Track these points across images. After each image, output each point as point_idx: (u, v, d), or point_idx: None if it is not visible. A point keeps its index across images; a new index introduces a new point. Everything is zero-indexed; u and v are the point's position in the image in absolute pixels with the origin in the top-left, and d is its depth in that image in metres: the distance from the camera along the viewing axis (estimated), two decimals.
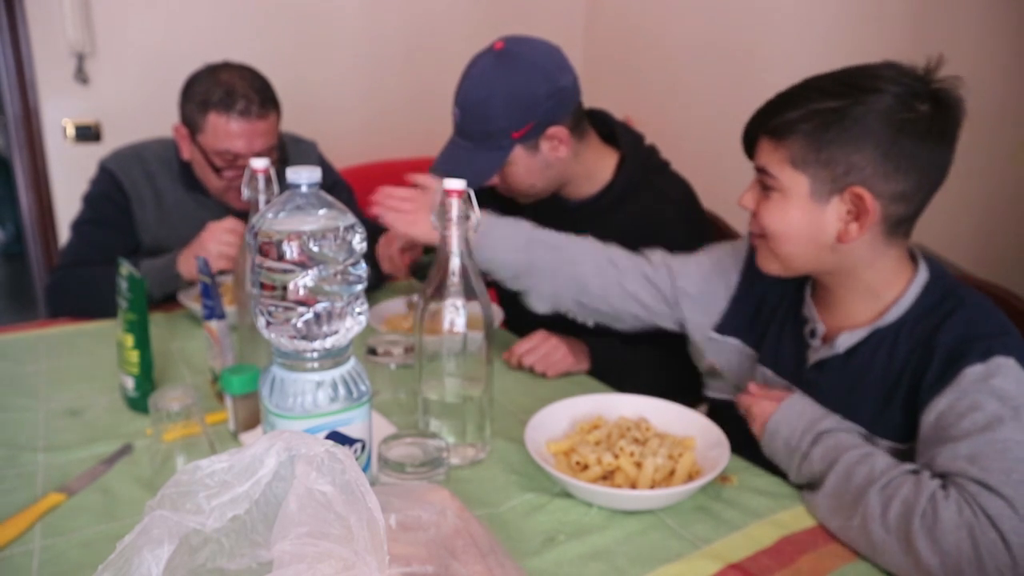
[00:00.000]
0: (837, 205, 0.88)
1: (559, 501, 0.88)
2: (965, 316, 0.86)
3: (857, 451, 0.83)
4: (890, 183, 0.85)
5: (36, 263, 2.52)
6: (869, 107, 0.84)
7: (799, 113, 0.87)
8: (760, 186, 0.94)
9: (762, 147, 0.92)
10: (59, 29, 2.25)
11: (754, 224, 0.96)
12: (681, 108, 2.66)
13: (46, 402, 1.12)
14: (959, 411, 0.79)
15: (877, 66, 0.88)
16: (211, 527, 0.45)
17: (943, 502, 0.73)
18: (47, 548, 0.79)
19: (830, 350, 0.95)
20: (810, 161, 0.87)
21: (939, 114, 0.85)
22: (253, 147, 1.45)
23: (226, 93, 1.43)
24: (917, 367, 0.87)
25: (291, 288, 0.71)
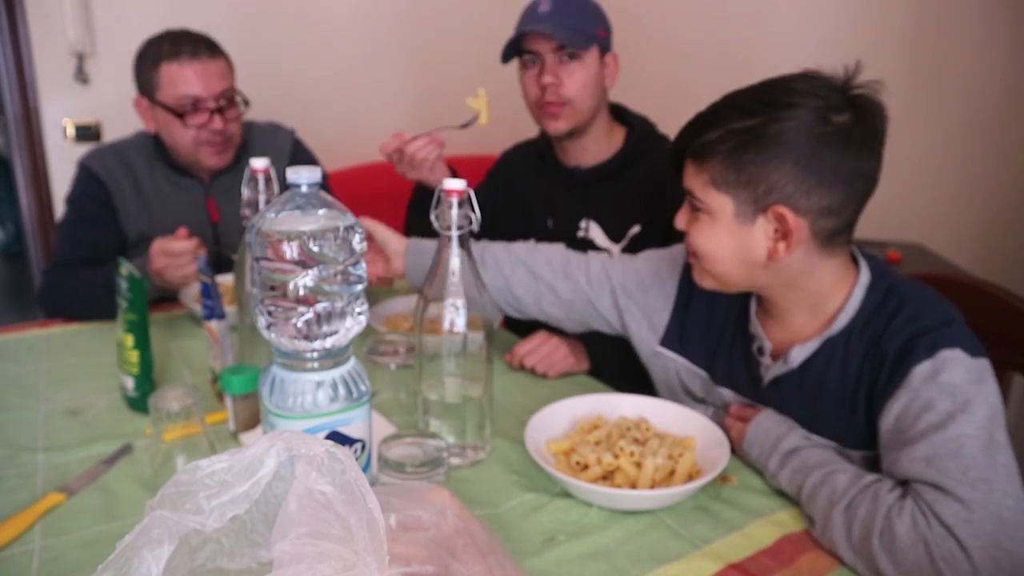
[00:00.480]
0: (763, 224, 0.86)
1: (559, 501, 0.88)
2: (908, 313, 0.85)
3: (819, 472, 0.83)
4: (814, 198, 0.83)
5: (36, 263, 2.52)
6: (785, 124, 0.82)
7: (717, 134, 0.85)
8: (690, 207, 0.93)
9: (687, 169, 0.92)
10: (59, 29, 2.25)
11: (687, 243, 0.96)
12: (681, 108, 2.66)
13: (46, 402, 1.12)
14: (913, 412, 0.79)
15: (794, 78, 0.86)
16: (211, 527, 0.45)
17: (897, 518, 0.73)
18: (47, 548, 0.79)
19: (784, 366, 0.94)
20: (731, 182, 0.86)
21: (860, 123, 0.83)
22: (211, 88, 1.49)
23: (173, 43, 1.49)
24: (871, 372, 0.87)
25: (291, 288, 0.71)
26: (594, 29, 1.39)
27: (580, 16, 1.38)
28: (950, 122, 1.94)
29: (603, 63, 1.41)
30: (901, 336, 0.84)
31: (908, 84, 1.98)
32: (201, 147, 1.53)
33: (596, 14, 1.42)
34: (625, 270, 1.13)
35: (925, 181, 2.03)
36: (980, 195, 1.91)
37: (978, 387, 0.78)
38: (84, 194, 1.56)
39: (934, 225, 2.03)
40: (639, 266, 1.13)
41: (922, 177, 2.01)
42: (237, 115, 1.56)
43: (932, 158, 2.01)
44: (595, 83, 1.40)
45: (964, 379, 0.78)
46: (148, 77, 1.50)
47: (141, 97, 1.54)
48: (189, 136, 1.51)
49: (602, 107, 1.45)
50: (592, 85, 1.40)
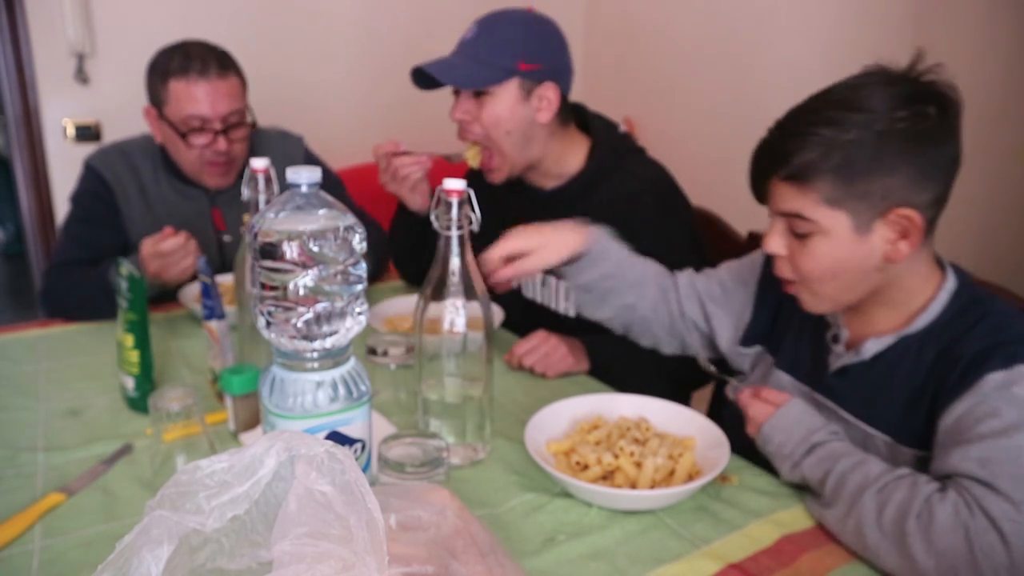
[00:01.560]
0: (881, 229, 0.86)
1: (559, 501, 0.88)
2: (991, 323, 0.85)
3: (850, 459, 0.83)
4: (925, 192, 0.85)
5: (36, 263, 2.52)
6: (886, 127, 0.82)
7: (817, 153, 0.84)
8: (790, 232, 0.91)
9: (782, 193, 0.89)
10: (59, 29, 2.25)
11: (785, 270, 0.93)
12: (681, 108, 2.66)
13: (46, 402, 1.12)
14: (977, 416, 0.79)
15: (866, 79, 0.86)
16: (211, 527, 0.45)
17: (939, 504, 0.73)
18: (47, 548, 0.79)
19: (855, 356, 0.94)
20: (844, 197, 0.84)
21: (944, 111, 0.84)
22: (217, 109, 1.45)
23: (183, 58, 1.44)
24: (941, 375, 0.86)
25: (291, 288, 0.71)
26: (511, 63, 1.27)
27: (496, 48, 1.28)
28: None
29: (530, 97, 1.30)
30: (979, 343, 0.84)
31: None
32: (204, 167, 1.52)
33: (522, 45, 1.28)
34: (709, 280, 1.15)
35: None
36: (980, 196, 1.90)
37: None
38: (88, 194, 1.56)
39: None
40: (722, 275, 1.15)
41: None
42: (244, 135, 1.53)
43: None
44: (511, 119, 1.30)
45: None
46: (156, 90, 1.47)
47: (151, 107, 1.51)
48: (192, 155, 1.50)
49: (535, 138, 1.34)
50: (508, 122, 1.30)
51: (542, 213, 1.38)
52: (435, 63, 1.30)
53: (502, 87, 1.29)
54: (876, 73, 0.87)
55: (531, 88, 1.30)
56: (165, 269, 1.33)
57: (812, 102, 0.88)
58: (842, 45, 2.10)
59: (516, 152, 1.35)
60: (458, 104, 1.34)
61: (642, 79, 2.81)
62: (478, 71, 1.29)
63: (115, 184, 1.56)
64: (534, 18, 1.34)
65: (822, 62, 2.12)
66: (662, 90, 2.73)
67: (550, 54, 1.32)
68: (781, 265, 0.94)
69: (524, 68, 1.28)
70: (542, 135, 1.35)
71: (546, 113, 1.32)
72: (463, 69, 1.29)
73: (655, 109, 2.74)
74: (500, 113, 1.31)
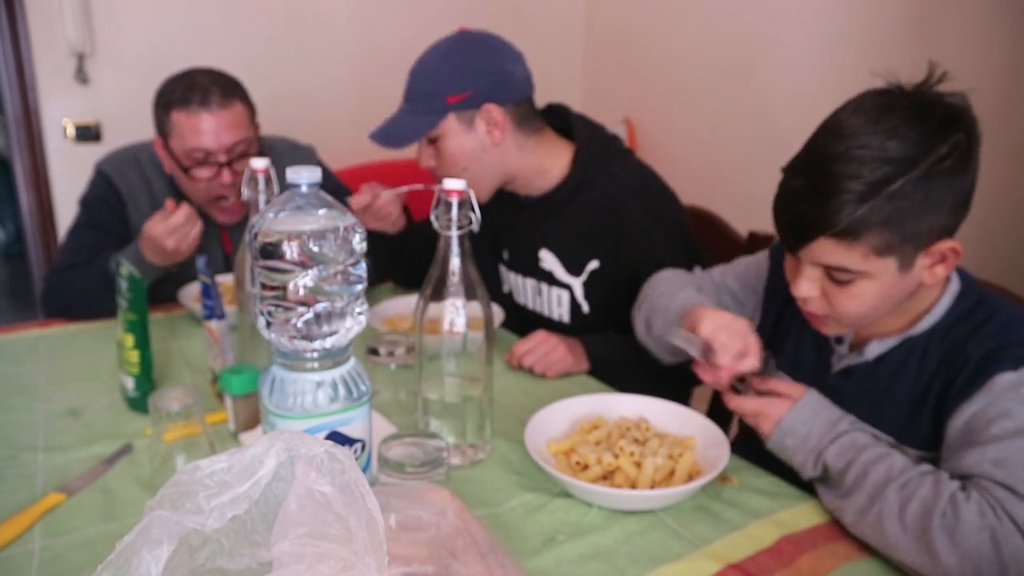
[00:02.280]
0: (922, 261, 0.85)
1: (559, 501, 0.88)
2: (998, 324, 0.85)
3: (874, 450, 0.82)
4: (963, 213, 0.84)
5: (36, 263, 2.52)
6: (930, 170, 0.80)
7: (865, 209, 0.80)
8: (827, 277, 0.88)
9: (826, 249, 0.84)
10: (59, 29, 2.25)
11: (818, 306, 0.90)
12: (681, 108, 2.66)
13: (46, 402, 1.12)
14: (988, 417, 0.78)
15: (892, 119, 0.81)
16: (211, 527, 0.45)
17: (964, 503, 0.73)
18: (47, 548, 0.79)
19: (858, 357, 0.94)
20: (895, 244, 0.82)
21: (970, 132, 0.83)
22: (221, 141, 1.40)
23: (186, 88, 1.40)
24: (947, 376, 0.86)
25: (291, 288, 0.71)
26: (439, 102, 1.26)
27: (423, 93, 1.27)
28: None
29: (473, 125, 1.27)
30: (987, 344, 0.83)
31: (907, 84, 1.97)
32: (211, 203, 1.48)
33: (445, 80, 1.26)
34: (720, 294, 1.14)
35: None
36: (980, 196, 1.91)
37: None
38: (99, 201, 1.54)
39: None
40: (730, 285, 1.14)
41: None
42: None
43: None
44: (462, 154, 1.29)
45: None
46: (162, 122, 1.44)
47: (158, 137, 1.48)
48: (198, 189, 1.46)
49: (503, 159, 1.32)
50: (462, 159, 1.29)
51: (530, 221, 1.39)
52: (379, 129, 1.32)
53: (441, 128, 1.28)
54: (897, 104, 0.83)
55: (471, 117, 1.28)
56: (183, 242, 1.33)
57: (835, 146, 0.83)
58: (843, 45, 2.11)
59: (483, 180, 1.33)
60: (420, 153, 1.35)
61: (642, 79, 2.81)
62: (411, 123, 1.29)
63: (126, 193, 1.54)
64: (456, 43, 1.29)
65: (822, 62, 2.12)
66: (662, 90, 2.74)
67: (477, 76, 1.26)
68: (813, 303, 0.91)
69: (453, 100, 1.26)
70: (506, 154, 1.32)
71: (497, 133, 1.29)
72: (400, 126, 1.30)
73: (655, 109, 2.74)
74: (452, 151, 1.29)
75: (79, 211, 1.56)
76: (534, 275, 1.44)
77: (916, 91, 0.84)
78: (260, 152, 1.56)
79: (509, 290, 1.52)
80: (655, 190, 1.37)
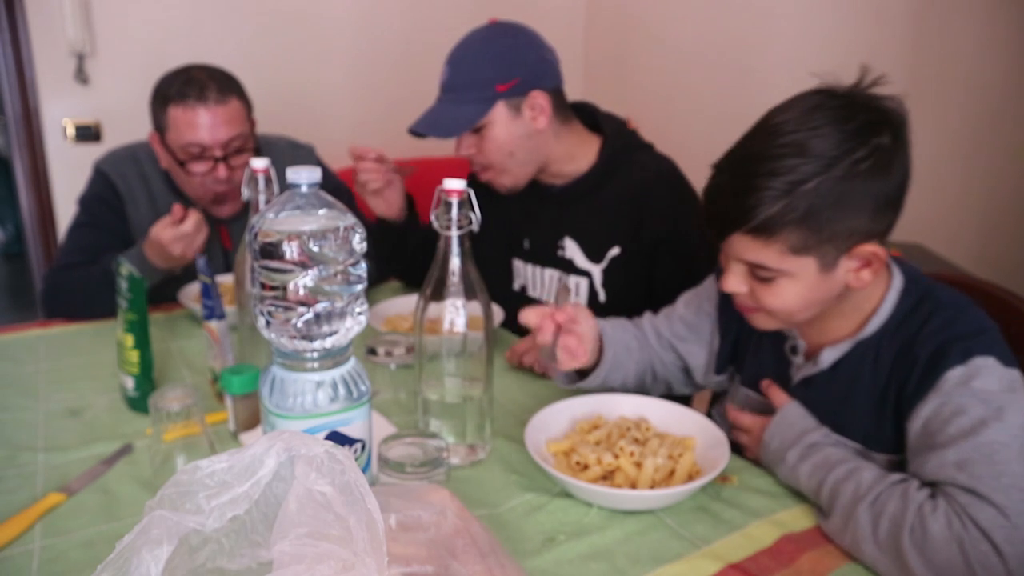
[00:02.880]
0: (846, 263, 0.85)
1: (559, 501, 0.88)
2: (942, 319, 0.85)
3: (843, 467, 0.83)
4: (886, 220, 0.84)
5: (36, 263, 2.52)
6: (848, 171, 0.80)
7: (779, 207, 0.81)
8: (751, 275, 0.89)
9: (744, 244, 0.86)
10: (59, 29, 2.25)
11: (747, 300, 0.92)
12: (682, 107, 2.66)
13: (46, 402, 1.12)
14: (944, 416, 0.79)
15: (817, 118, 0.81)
16: (211, 527, 0.45)
17: (931, 516, 0.73)
18: (47, 548, 0.79)
19: (814, 366, 0.94)
20: (812, 245, 0.82)
21: (897, 134, 0.82)
22: (217, 136, 1.41)
23: (183, 83, 1.41)
24: (901, 376, 0.86)
25: (291, 288, 0.71)
26: (488, 91, 1.29)
27: (470, 83, 1.30)
28: (951, 122, 1.94)
29: (521, 112, 1.31)
30: (934, 341, 0.84)
31: (908, 84, 1.98)
32: (206, 196, 1.49)
33: (492, 69, 1.29)
34: (671, 321, 1.13)
35: (926, 181, 2.02)
36: (981, 195, 1.91)
37: (1011, 396, 0.78)
38: (98, 200, 1.54)
39: (935, 225, 2.03)
40: (682, 312, 1.13)
41: (923, 177, 2.00)
42: (246, 161, 1.50)
43: (933, 158, 2.01)
44: (511, 140, 1.32)
45: (997, 387, 0.78)
46: (158, 117, 1.45)
47: (155, 133, 1.49)
48: (194, 183, 1.47)
49: (543, 144, 1.36)
50: (509, 144, 1.32)
51: (555, 209, 1.41)
52: (422, 120, 1.33)
53: (490, 116, 1.30)
54: (825, 104, 0.83)
55: (518, 104, 1.31)
56: (190, 248, 1.34)
57: (760, 144, 0.84)
58: (842, 45, 2.10)
59: (526, 166, 1.37)
60: (460, 142, 1.36)
61: (642, 79, 2.81)
62: (462, 112, 1.30)
63: (125, 191, 1.54)
64: (497, 32, 1.33)
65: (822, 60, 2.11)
66: (662, 90, 2.73)
67: (522, 63, 1.31)
68: (742, 297, 0.92)
69: (503, 89, 1.29)
70: (545, 139, 1.35)
71: (542, 119, 1.33)
72: (447, 117, 1.32)
73: (655, 109, 2.74)
74: (499, 139, 1.32)
75: (78, 210, 1.56)
76: (554, 264, 1.45)
77: (847, 92, 0.84)
78: (258, 151, 1.56)
79: (523, 285, 1.53)
80: (679, 176, 1.41)
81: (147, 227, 1.55)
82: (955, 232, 1.98)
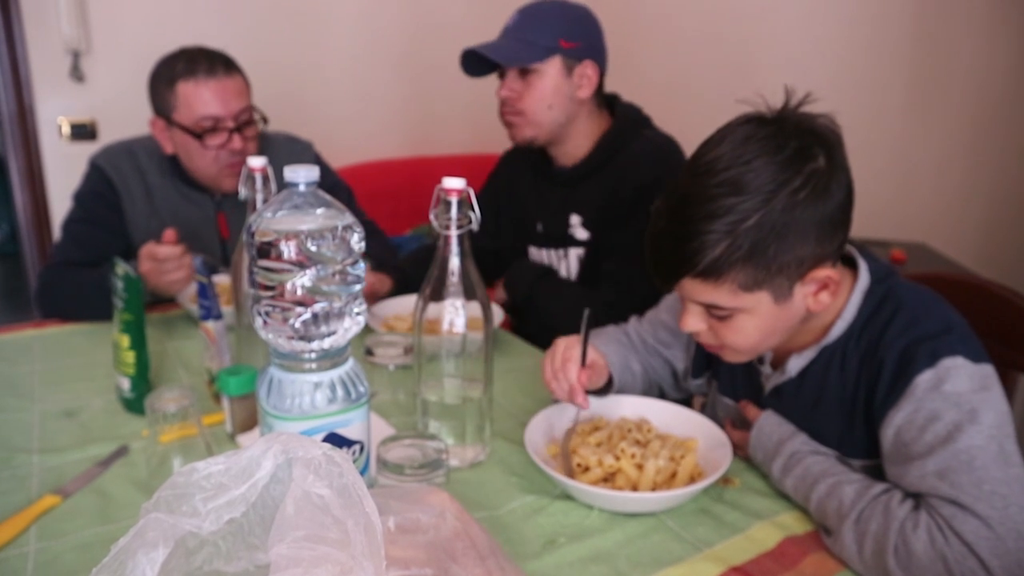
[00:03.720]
0: (801, 290, 0.85)
1: (559, 503, 0.88)
2: (905, 319, 0.84)
3: (824, 484, 0.82)
4: (835, 240, 0.83)
5: (31, 263, 2.52)
6: (786, 203, 0.79)
7: (723, 248, 0.80)
8: (708, 314, 0.88)
9: (694, 288, 0.85)
10: (54, 26, 2.25)
11: (709, 338, 0.91)
12: (685, 105, 2.66)
13: (41, 403, 1.12)
14: (919, 424, 0.78)
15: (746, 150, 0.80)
16: (207, 530, 0.45)
17: (912, 534, 0.72)
18: (42, 551, 0.79)
19: (782, 375, 0.94)
20: (763, 279, 0.82)
21: (831, 152, 0.81)
22: (230, 107, 1.46)
23: (189, 60, 1.45)
24: (868, 381, 0.86)
25: (289, 288, 0.71)
26: (553, 41, 1.37)
27: (538, 28, 1.38)
28: (954, 120, 1.94)
29: (572, 73, 1.40)
30: (898, 344, 0.83)
31: (911, 82, 1.98)
32: (222, 170, 1.51)
33: (562, 25, 1.39)
34: (655, 328, 1.13)
35: (929, 180, 2.02)
36: (984, 194, 1.91)
37: (983, 395, 0.78)
38: (94, 195, 1.55)
39: (938, 224, 2.03)
40: (664, 317, 1.13)
41: (925, 176, 2.01)
42: (255, 134, 1.54)
43: (935, 157, 2.01)
44: (555, 95, 1.40)
45: (968, 387, 0.78)
46: (164, 97, 1.47)
47: (157, 118, 1.51)
48: (208, 158, 1.49)
49: (576, 115, 1.44)
50: (552, 97, 1.40)
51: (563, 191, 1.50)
52: (482, 45, 1.39)
53: (546, 64, 1.38)
54: (755, 135, 0.81)
55: (572, 65, 1.40)
56: (153, 275, 1.31)
57: (696, 186, 0.82)
58: (844, 41, 2.10)
59: (552, 125, 1.43)
60: (505, 83, 1.43)
61: (644, 72, 2.81)
62: (523, 50, 1.38)
63: (120, 186, 1.55)
64: (571, 3, 1.44)
65: (824, 56, 2.12)
66: (665, 87, 2.73)
67: (588, 34, 1.41)
68: (704, 336, 0.91)
69: (565, 46, 1.38)
70: (580, 112, 1.43)
71: (586, 90, 1.41)
72: (508, 49, 1.38)
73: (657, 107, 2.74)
74: (545, 88, 1.39)
75: (73, 206, 1.56)
76: (565, 244, 1.51)
77: (776, 118, 0.83)
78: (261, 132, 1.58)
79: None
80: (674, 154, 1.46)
81: (143, 223, 1.56)
82: (959, 231, 1.98)
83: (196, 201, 1.59)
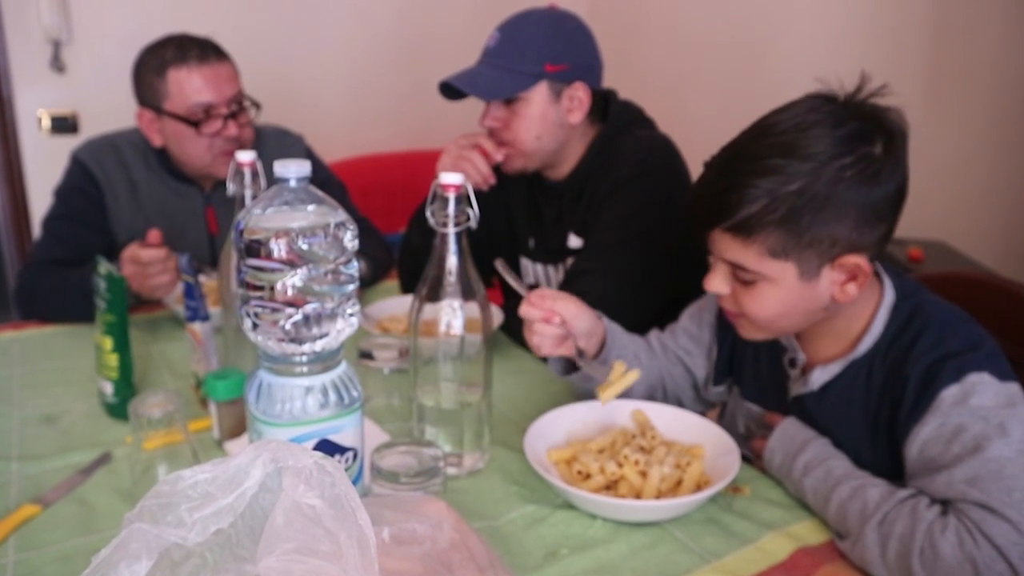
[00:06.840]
0: (829, 274, 0.86)
1: (561, 513, 0.88)
2: (933, 336, 0.86)
3: (847, 485, 0.83)
4: (873, 233, 0.85)
5: (10, 261, 2.52)
6: (833, 176, 0.81)
7: (760, 206, 0.83)
8: (733, 276, 0.91)
9: (724, 243, 0.88)
10: (34, 15, 2.25)
11: (730, 304, 0.93)
12: (688, 105, 2.66)
13: (20, 408, 1.12)
14: (945, 437, 0.79)
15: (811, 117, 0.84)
16: (193, 541, 0.45)
17: (940, 536, 0.73)
18: (21, 563, 0.79)
19: (804, 386, 0.95)
20: (791, 249, 0.84)
21: (891, 145, 0.83)
22: (223, 93, 1.47)
23: (179, 48, 1.46)
24: (893, 398, 0.87)
25: (279, 288, 0.71)
26: (537, 66, 1.31)
27: (521, 53, 1.31)
28: (974, 117, 1.94)
29: (561, 98, 1.34)
30: (924, 361, 0.84)
31: (931, 78, 1.98)
32: (217, 158, 1.51)
33: (547, 46, 1.31)
34: (676, 336, 1.15)
35: (948, 178, 2.03)
36: (1005, 192, 1.91)
37: (1010, 410, 0.79)
38: (74, 190, 1.55)
39: (957, 223, 2.03)
40: (685, 324, 1.15)
41: (945, 174, 2.01)
42: (248, 120, 1.55)
43: (955, 154, 2.01)
44: (543, 123, 1.34)
45: (995, 403, 0.79)
46: (153, 86, 1.47)
47: (144, 109, 1.50)
48: (203, 146, 1.49)
49: (568, 140, 1.38)
50: (539, 127, 1.34)
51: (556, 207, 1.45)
52: (461, 75, 1.33)
53: (531, 92, 1.32)
54: (820, 108, 0.84)
55: (560, 89, 1.33)
56: (135, 279, 1.30)
57: (752, 144, 0.87)
58: (860, 38, 2.10)
59: (542, 154, 1.38)
60: (488, 112, 1.37)
61: (646, 73, 2.81)
62: (505, 79, 1.32)
63: (104, 181, 1.55)
64: (557, 16, 1.35)
65: (833, 55, 2.12)
66: (668, 87, 2.73)
67: (576, 52, 1.34)
68: (725, 300, 0.94)
69: (551, 70, 1.31)
70: (571, 135, 1.38)
71: (577, 113, 1.35)
72: (489, 79, 1.32)
73: (659, 106, 2.74)
74: (532, 117, 1.34)
75: (54, 202, 1.56)
76: (563, 256, 1.47)
77: (846, 99, 0.85)
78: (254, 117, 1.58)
79: (531, 284, 1.54)
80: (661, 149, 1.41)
81: (127, 219, 1.56)
82: (979, 230, 1.98)
83: (184, 195, 1.59)
